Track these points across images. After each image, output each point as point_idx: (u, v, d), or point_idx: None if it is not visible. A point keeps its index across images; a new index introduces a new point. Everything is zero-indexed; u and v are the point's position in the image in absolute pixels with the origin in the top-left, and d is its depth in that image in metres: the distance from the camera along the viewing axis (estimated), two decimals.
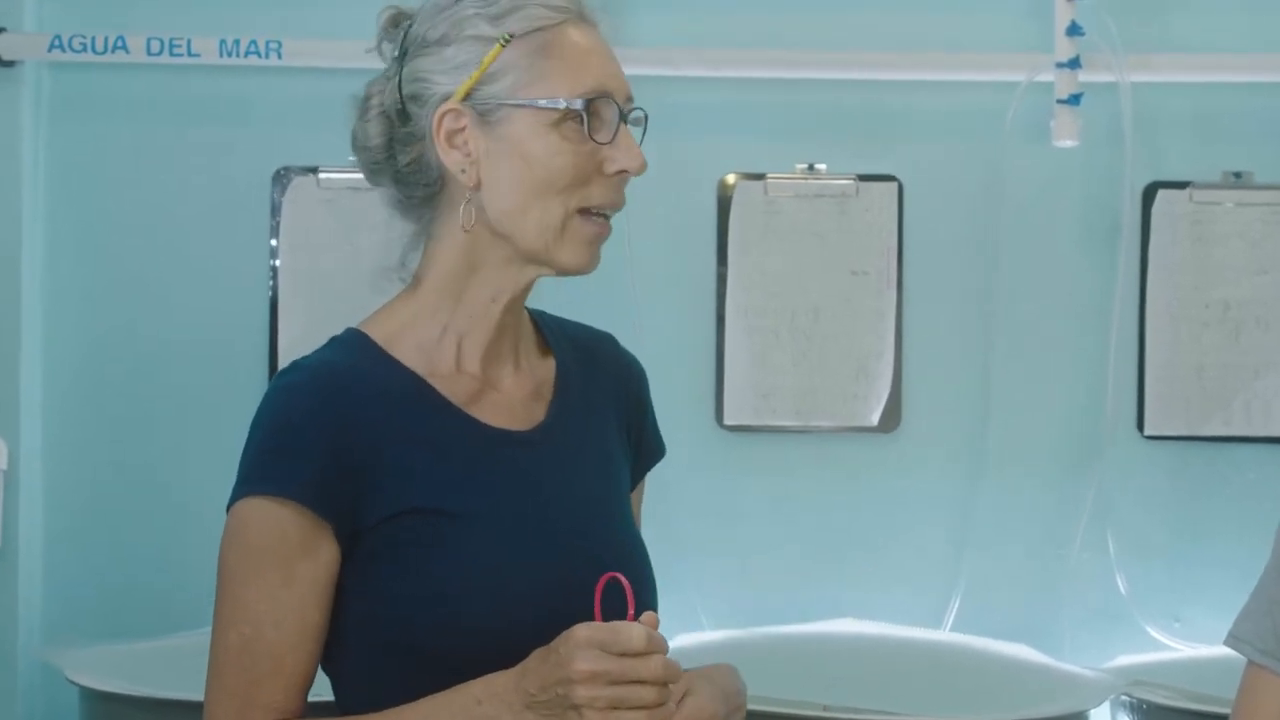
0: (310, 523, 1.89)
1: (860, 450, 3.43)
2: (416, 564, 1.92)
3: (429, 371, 1.99)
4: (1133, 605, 3.36)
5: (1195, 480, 3.42)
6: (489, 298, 2.00)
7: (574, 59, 1.96)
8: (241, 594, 1.90)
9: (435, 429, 1.97)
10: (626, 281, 3.36)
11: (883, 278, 3.41)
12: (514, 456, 2.00)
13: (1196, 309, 3.40)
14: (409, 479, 1.93)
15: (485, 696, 1.88)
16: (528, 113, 1.94)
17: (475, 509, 1.95)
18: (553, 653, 1.84)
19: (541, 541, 1.98)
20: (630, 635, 1.82)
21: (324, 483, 1.89)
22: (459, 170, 1.96)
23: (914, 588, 3.40)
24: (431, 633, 1.91)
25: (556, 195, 1.96)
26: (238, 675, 1.91)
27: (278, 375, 1.99)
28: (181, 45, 3.29)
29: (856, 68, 3.37)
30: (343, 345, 2.01)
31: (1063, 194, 3.42)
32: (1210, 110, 3.40)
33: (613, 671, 1.81)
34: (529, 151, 1.95)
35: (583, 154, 1.94)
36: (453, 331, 2.00)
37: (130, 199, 3.40)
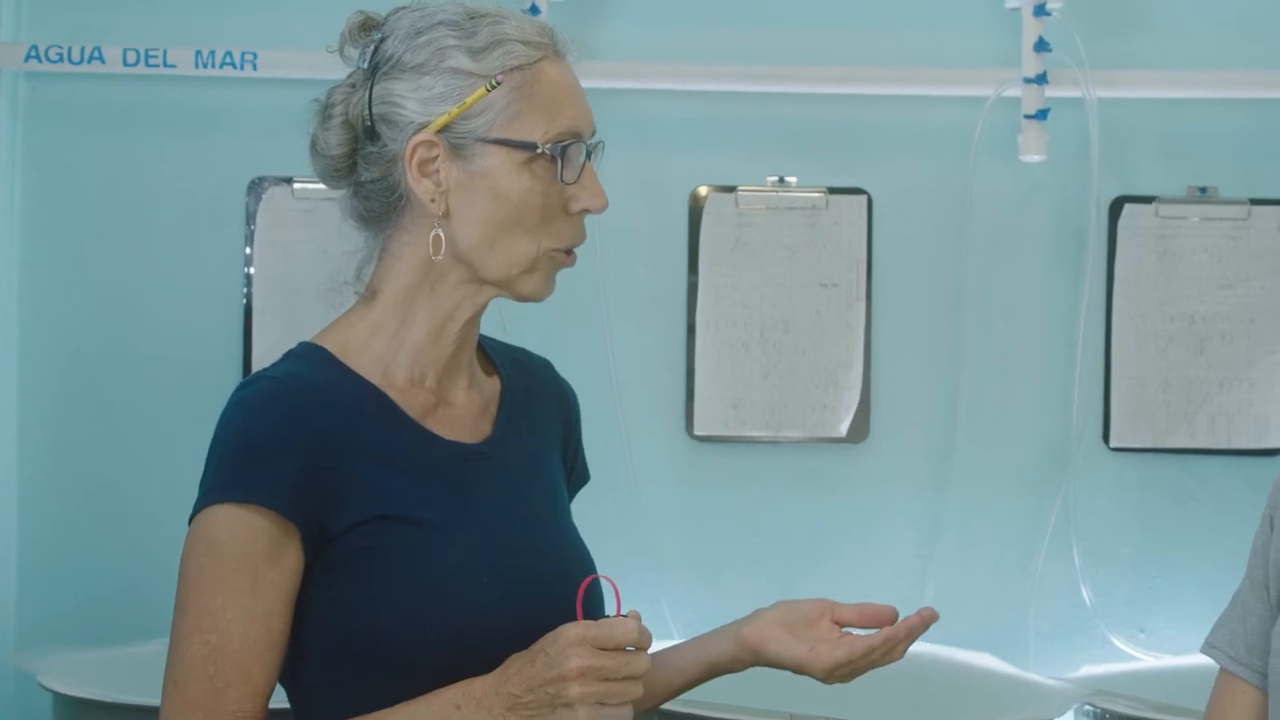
0: (278, 530, 1.89)
1: (829, 461, 3.43)
2: (379, 571, 1.93)
3: (386, 384, 2.00)
4: (1097, 616, 3.36)
5: (1160, 492, 3.42)
6: (446, 315, 2.01)
7: (550, 99, 1.97)
8: (208, 602, 1.89)
9: (394, 440, 1.98)
10: (598, 292, 3.35)
11: (852, 290, 3.40)
12: (467, 469, 2.02)
13: (1162, 322, 3.40)
14: (371, 488, 1.94)
15: (463, 701, 1.88)
16: (501, 150, 1.95)
17: (434, 519, 1.96)
18: (540, 654, 1.85)
19: (498, 551, 2.00)
20: (625, 629, 1.83)
21: (293, 490, 1.89)
22: (428, 199, 1.97)
23: (881, 597, 3.18)
24: (392, 638, 1.92)
25: (525, 233, 1.97)
26: (202, 685, 1.89)
27: (239, 387, 1.98)
28: (157, 56, 3.28)
29: (827, 82, 3.36)
30: (301, 358, 2.02)
31: (1030, 208, 3.42)
32: (1176, 126, 3.40)
33: (606, 667, 1.83)
34: (499, 188, 1.96)
35: (551, 193, 1.96)
36: (409, 346, 2.01)
37: (106, 208, 3.39)
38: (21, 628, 3.38)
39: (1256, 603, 2.23)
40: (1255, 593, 2.24)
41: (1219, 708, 2.26)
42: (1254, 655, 2.21)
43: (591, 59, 3.33)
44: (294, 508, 1.89)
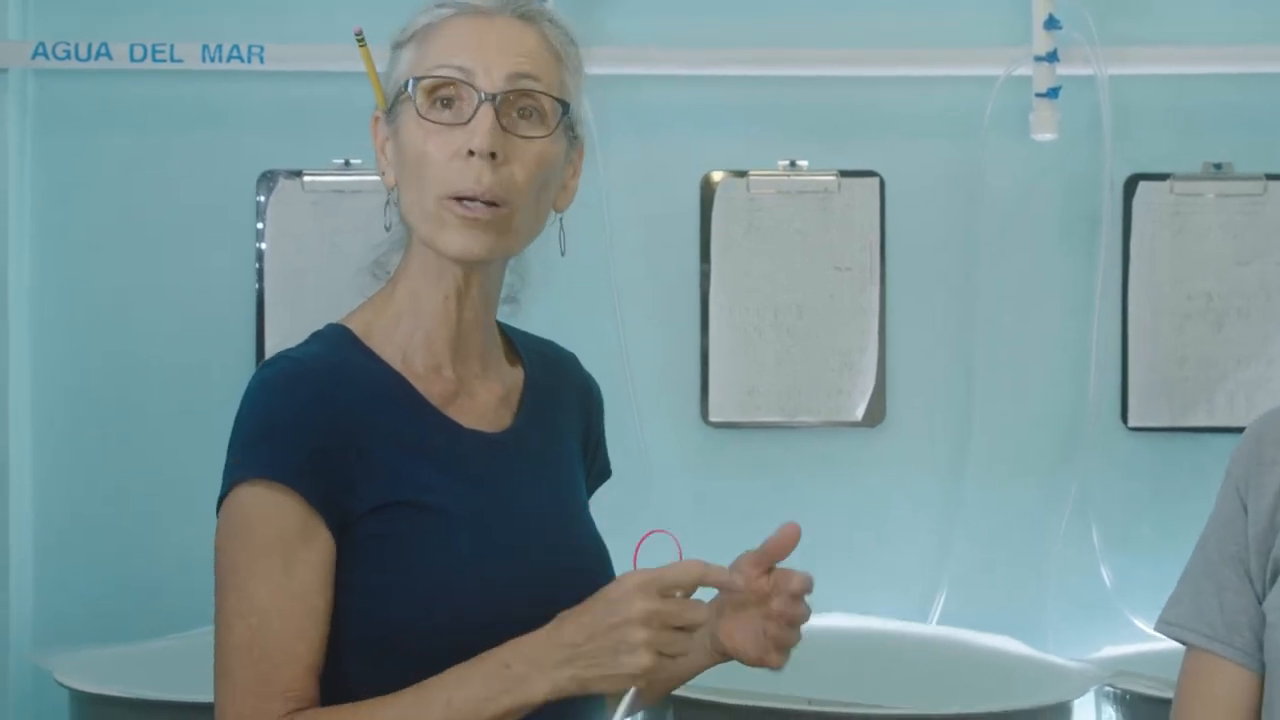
0: (305, 508, 1.89)
1: (845, 445, 3.44)
2: (397, 557, 1.93)
3: (406, 369, 2.01)
4: (1117, 596, 3.36)
5: (1179, 471, 3.41)
6: (442, 296, 2.01)
7: (440, 46, 1.98)
8: (244, 585, 1.90)
9: (414, 426, 1.98)
10: (610, 280, 3.37)
11: (865, 273, 3.41)
12: (486, 458, 2.02)
13: (1179, 300, 3.41)
14: (391, 472, 1.94)
15: (513, 659, 1.87)
16: (407, 106, 1.97)
17: (453, 505, 1.96)
18: (599, 600, 1.84)
19: (513, 539, 1.99)
20: (688, 570, 1.84)
21: (314, 470, 1.89)
22: (382, 174, 2.02)
23: (900, 581, 3.41)
24: (407, 625, 1.92)
25: (423, 182, 1.97)
26: (248, 669, 1.89)
27: (262, 366, 1.99)
28: (164, 51, 3.30)
29: (836, 64, 3.38)
30: (327, 339, 2.02)
31: (1043, 187, 3.43)
32: (1190, 102, 3.40)
33: (670, 612, 1.82)
34: (405, 142, 1.98)
35: (439, 139, 1.95)
36: (422, 330, 2.02)
37: (116, 204, 3.40)
38: (38, 626, 3.40)
39: (1233, 578, 2.22)
40: (1230, 568, 2.23)
41: (1199, 688, 2.25)
42: (1235, 632, 2.20)
43: (600, 45, 3.39)
44: (315, 487, 1.89)
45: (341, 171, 3.31)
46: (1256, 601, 2.19)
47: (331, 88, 3.23)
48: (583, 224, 3.31)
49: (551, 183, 2.06)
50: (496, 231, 1.96)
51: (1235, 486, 2.25)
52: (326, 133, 3.29)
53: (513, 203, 1.97)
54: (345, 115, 2.27)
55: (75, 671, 3.04)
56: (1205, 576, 2.26)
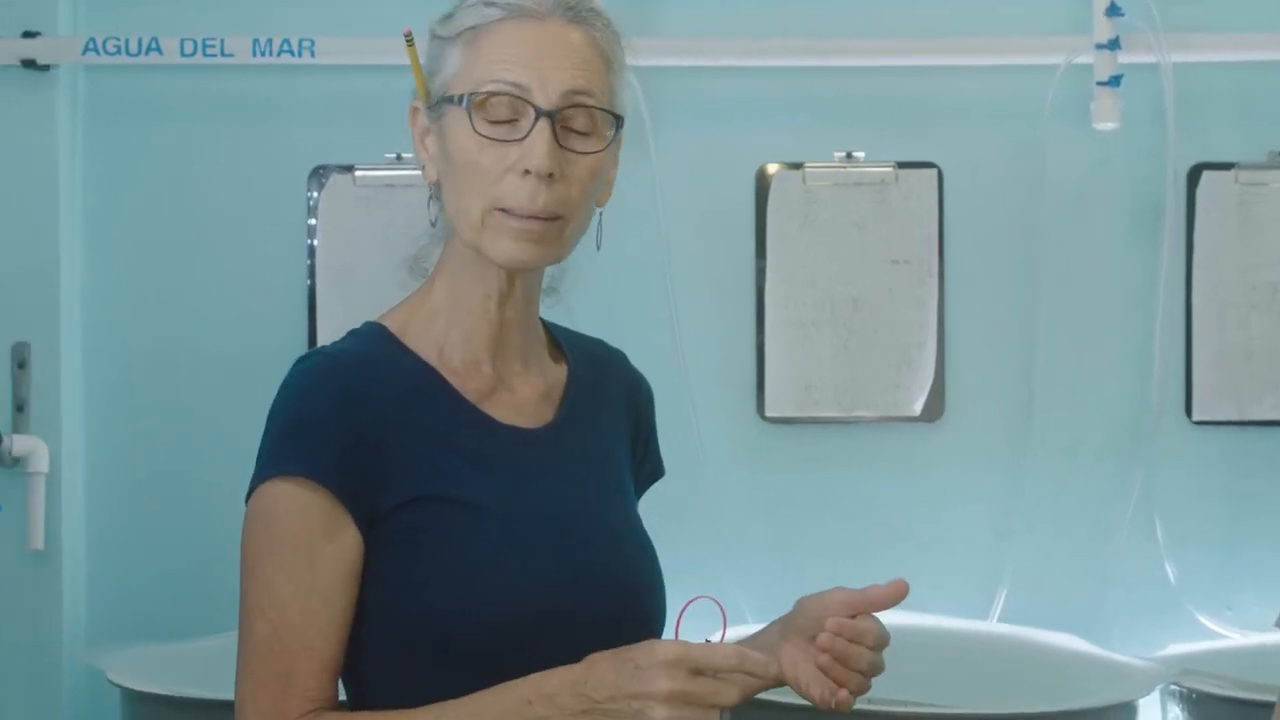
0: (331, 505, 1.89)
1: (903, 441, 3.44)
2: (429, 552, 1.93)
3: (443, 366, 2.01)
4: (1182, 593, 3.36)
5: (1245, 465, 3.41)
6: (483, 294, 2.01)
7: (491, 55, 1.96)
8: (267, 580, 1.90)
9: (450, 421, 1.98)
10: (664, 274, 3.37)
11: (923, 266, 3.40)
12: (523, 453, 2.02)
13: (1244, 291, 3.39)
14: (423, 467, 1.94)
15: (535, 698, 1.86)
16: (457, 109, 1.96)
17: (486, 501, 1.96)
18: (628, 663, 1.82)
19: (547, 537, 1.99)
20: (724, 657, 1.80)
21: (343, 466, 1.89)
22: (423, 167, 2.02)
23: (960, 578, 3.40)
24: (439, 622, 1.91)
25: (471, 192, 1.96)
26: (268, 664, 1.90)
27: (296, 363, 1.99)
28: (215, 45, 3.31)
29: (893, 54, 3.38)
30: (362, 337, 2.03)
31: (1105, 177, 3.42)
32: (1255, 90, 3.39)
33: (695, 694, 1.79)
34: (454, 147, 1.97)
35: (492, 152, 1.94)
36: (460, 327, 2.02)
37: (167, 200, 3.42)
38: (91, 623, 3.42)
39: None
40: None
41: None
42: None
43: (654, 36, 3.39)
44: (343, 483, 1.89)
45: (393, 166, 3.31)
46: None
47: (382, 81, 3.22)
48: (637, 218, 3.30)
49: (601, 187, 2.06)
50: (549, 243, 1.97)
51: None
52: (378, 127, 3.24)
53: (567, 216, 1.97)
54: (397, 109, 2.23)
55: (126, 670, 3.06)
56: None
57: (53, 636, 3.37)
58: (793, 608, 2.17)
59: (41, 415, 3.36)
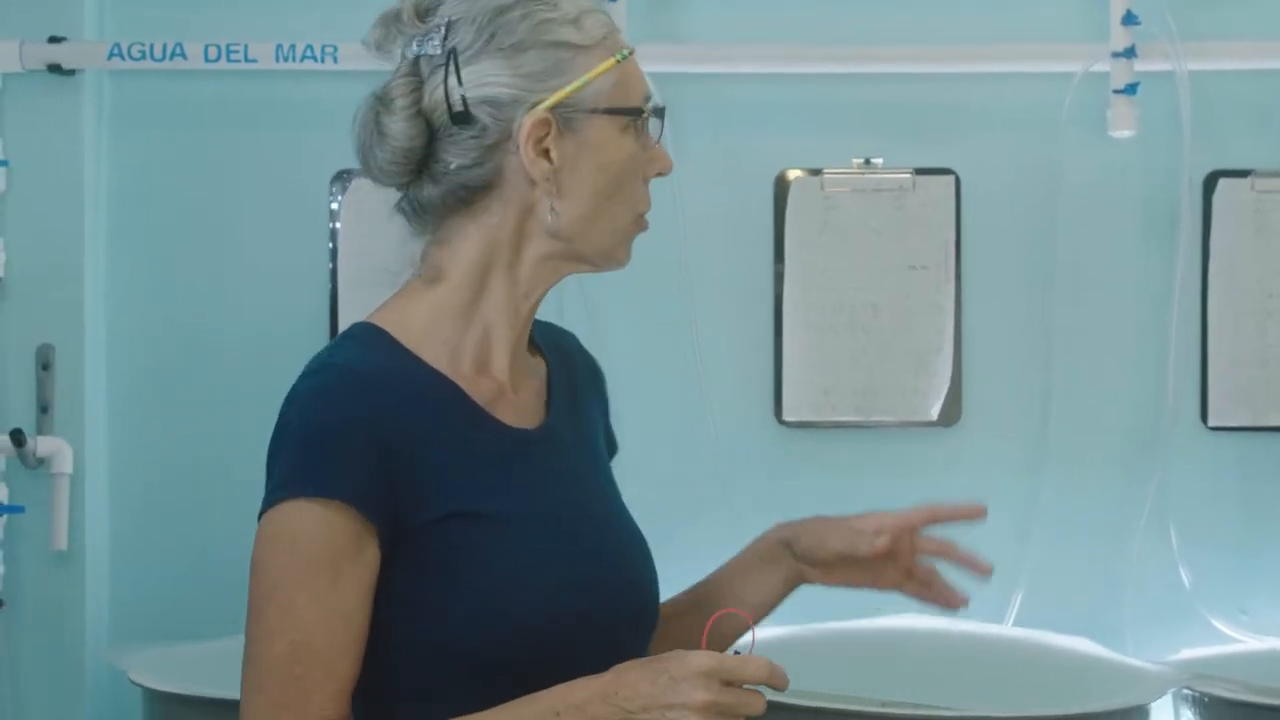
0: (358, 525, 1.86)
1: (921, 445, 3.45)
2: (464, 570, 1.91)
3: (454, 371, 1.98)
4: (1196, 598, 3.36)
5: (1260, 471, 3.41)
6: (523, 294, 1.99)
7: (634, 69, 1.99)
8: (290, 602, 1.87)
9: (469, 431, 1.96)
10: (683, 278, 3.38)
11: (941, 272, 3.42)
12: (533, 455, 2.01)
13: (1260, 299, 3.40)
14: (450, 482, 1.92)
15: (564, 708, 1.86)
16: (605, 120, 1.95)
17: (512, 511, 1.95)
18: (661, 673, 1.82)
19: (570, 538, 1.99)
20: (757, 669, 1.82)
21: (371, 484, 1.86)
22: (544, 178, 1.95)
23: (976, 582, 3.36)
24: (476, 636, 1.90)
25: (623, 202, 1.98)
26: (288, 685, 1.87)
27: (304, 375, 1.95)
28: (239, 51, 3.33)
29: (911, 61, 3.39)
30: (364, 342, 1.99)
31: (1121, 184, 3.42)
32: (1271, 97, 3.39)
33: (729, 705, 1.81)
34: (603, 158, 1.96)
35: (640, 160, 1.97)
36: (479, 327, 2.00)
37: (191, 203, 3.43)
38: (114, 622, 3.44)
39: None
40: None
41: None
42: None
43: (673, 42, 3.44)
44: (373, 503, 1.87)
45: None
46: None
47: None
48: (657, 223, 3.29)
49: None
50: None
51: None
52: None
53: None
54: None
55: (148, 670, 3.08)
56: None
57: (75, 636, 3.39)
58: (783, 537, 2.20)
59: (65, 417, 3.37)
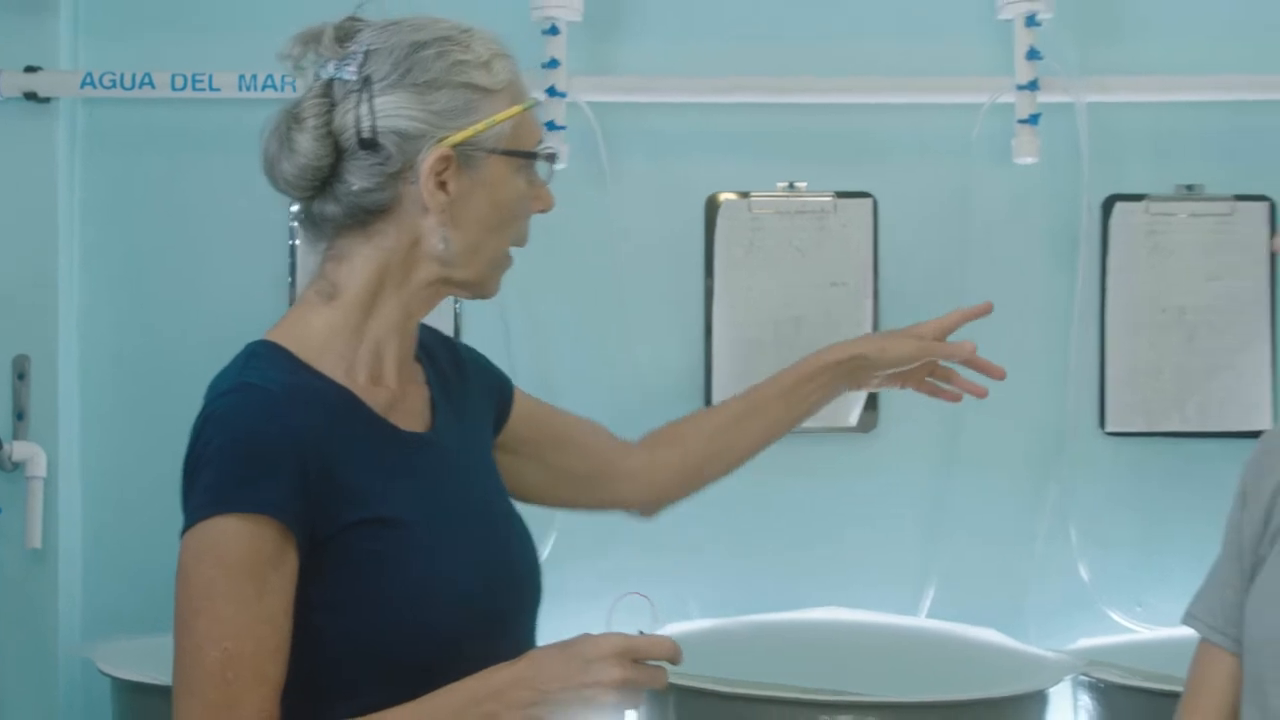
0: (280, 536, 1.88)
1: (841, 450, 3.45)
2: (374, 573, 1.93)
3: (350, 383, 2.00)
4: (1094, 591, 3.39)
5: (1154, 473, 3.45)
6: (406, 314, 2.04)
7: (532, 115, 2.06)
8: (220, 611, 1.87)
9: (371, 440, 1.99)
10: (618, 295, 3.42)
11: (860, 288, 3.43)
12: (427, 458, 2.05)
13: (1154, 314, 3.43)
14: (358, 491, 1.94)
15: (485, 695, 1.89)
16: (502, 160, 2.01)
17: (414, 514, 1.98)
18: (575, 656, 1.88)
19: (469, 536, 2.03)
20: (663, 648, 1.88)
21: (290, 497, 1.88)
22: (440, 209, 1.99)
23: (891, 577, 3.43)
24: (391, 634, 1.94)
25: (508, 235, 2.05)
26: (221, 690, 1.87)
27: (217, 396, 1.95)
28: (204, 81, 3.35)
29: (833, 92, 3.39)
30: (268, 360, 2.00)
31: (1025, 207, 3.45)
32: (1164, 127, 3.43)
33: (639, 680, 1.87)
34: (497, 195, 2.02)
35: (528, 198, 2.04)
36: (371, 343, 2.02)
37: (159, 222, 3.45)
38: (86, 618, 3.48)
39: (1233, 575, 2.31)
40: (1231, 565, 2.32)
41: (1198, 674, 2.35)
42: (1231, 625, 2.30)
43: (612, 74, 3.44)
44: (292, 514, 1.89)
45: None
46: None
47: None
48: (594, 243, 3.40)
49: None
50: None
51: (1242, 490, 2.33)
52: None
53: None
54: None
55: (116, 661, 3.10)
56: (1215, 573, 2.36)
57: (49, 630, 3.43)
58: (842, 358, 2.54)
59: (40, 423, 3.42)
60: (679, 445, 2.55)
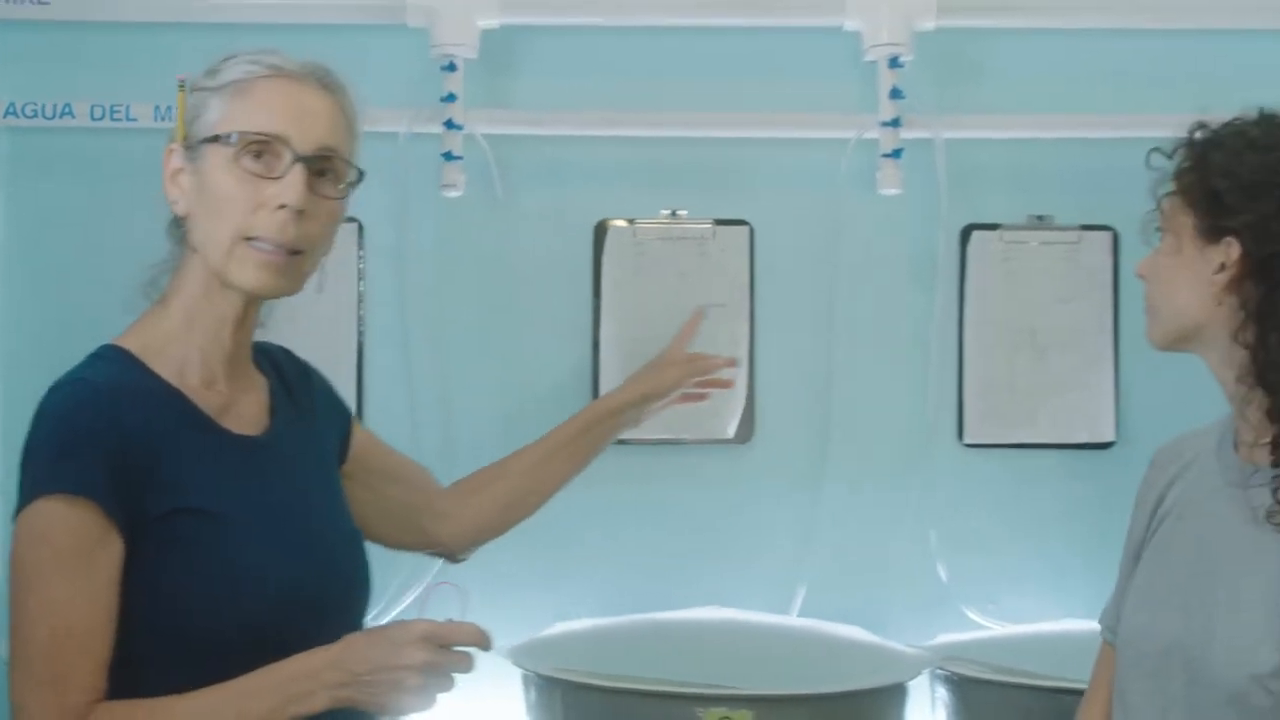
0: (102, 518, 1.95)
1: (719, 460, 3.51)
2: (187, 560, 2.01)
3: (184, 385, 2.10)
4: (952, 591, 3.45)
5: (1006, 482, 3.53)
6: (218, 319, 2.14)
7: (255, 105, 2.11)
8: (48, 590, 1.94)
9: (196, 438, 2.07)
10: (513, 313, 3.48)
11: (737, 310, 3.49)
12: (257, 459, 2.14)
13: (1008, 334, 3.50)
14: (178, 483, 2.02)
15: (300, 675, 1.97)
16: (216, 148, 2.09)
17: (236, 508, 2.06)
18: (384, 640, 1.96)
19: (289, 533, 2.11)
20: (468, 634, 1.98)
21: (110, 483, 1.95)
22: (173, 202, 2.13)
23: (764, 579, 3.48)
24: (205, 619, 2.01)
25: (224, 222, 2.08)
26: (51, 666, 1.94)
27: (51, 391, 2.04)
28: (121, 111, 3.36)
29: (714, 126, 3.47)
30: (108, 361, 2.10)
31: (890, 235, 3.51)
32: (1017, 162, 3.51)
33: (444, 664, 1.96)
34: (212, 182, 2.10)
35: (249, 187, 2.08)
36: (197, 349, 2.12)
37: (80, 246, 3.42)
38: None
39: (1123, 580, 2.46)
40: (1124, 571, 2.46)
41: (1095, 673, 2.50)
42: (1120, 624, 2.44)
43: (508, 108, 3.47)
44: (111, 497, 1.95)
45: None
46: None
47: None
48: (489, 265, 3.46)
49: (334, 235, 2.20)
50: (288, 275, 2.13)
51: (1136, 501, 2.48)
52: None
53: (307, 252, 2.14)
54: None
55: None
56: (1117, 579, 2.48)
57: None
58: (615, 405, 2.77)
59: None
60: (486, 491, 2.67)
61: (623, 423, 2.87)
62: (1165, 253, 2.37)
